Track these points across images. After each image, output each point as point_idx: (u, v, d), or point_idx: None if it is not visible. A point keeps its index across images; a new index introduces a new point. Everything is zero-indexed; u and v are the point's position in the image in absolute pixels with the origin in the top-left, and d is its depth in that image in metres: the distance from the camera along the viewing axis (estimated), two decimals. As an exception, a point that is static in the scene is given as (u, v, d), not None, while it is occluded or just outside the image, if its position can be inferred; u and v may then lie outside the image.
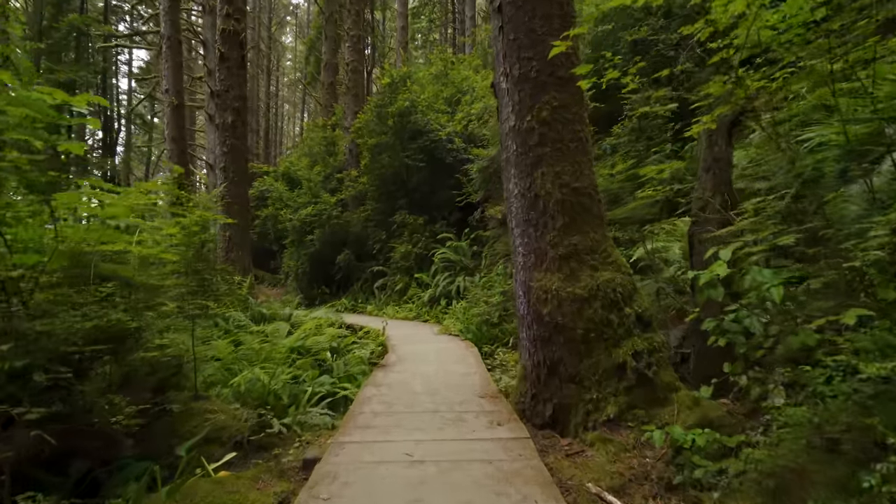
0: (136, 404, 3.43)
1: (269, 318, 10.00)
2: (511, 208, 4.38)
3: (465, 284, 11.09)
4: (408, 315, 11.35)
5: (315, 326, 9.48)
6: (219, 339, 6.97)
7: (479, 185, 10.55)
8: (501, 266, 9.54)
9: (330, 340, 8.79)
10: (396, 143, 13.28)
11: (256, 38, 48.24)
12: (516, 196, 4.28)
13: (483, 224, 11.61)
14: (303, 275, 15.51)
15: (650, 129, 9.00)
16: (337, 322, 10.46)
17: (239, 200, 11.97)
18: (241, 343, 7.69)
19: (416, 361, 6.28)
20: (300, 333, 7.50)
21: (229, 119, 11.84)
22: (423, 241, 12.79)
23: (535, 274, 4.10)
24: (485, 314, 8.41)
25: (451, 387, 4.84)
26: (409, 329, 9.56)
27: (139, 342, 3.54)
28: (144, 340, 3.60)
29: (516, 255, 4.34)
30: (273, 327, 8.71)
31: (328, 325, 10.36)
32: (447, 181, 13.14)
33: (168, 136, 12.49)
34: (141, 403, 3.50)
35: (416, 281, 12.45)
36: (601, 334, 3.85)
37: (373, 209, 14.42)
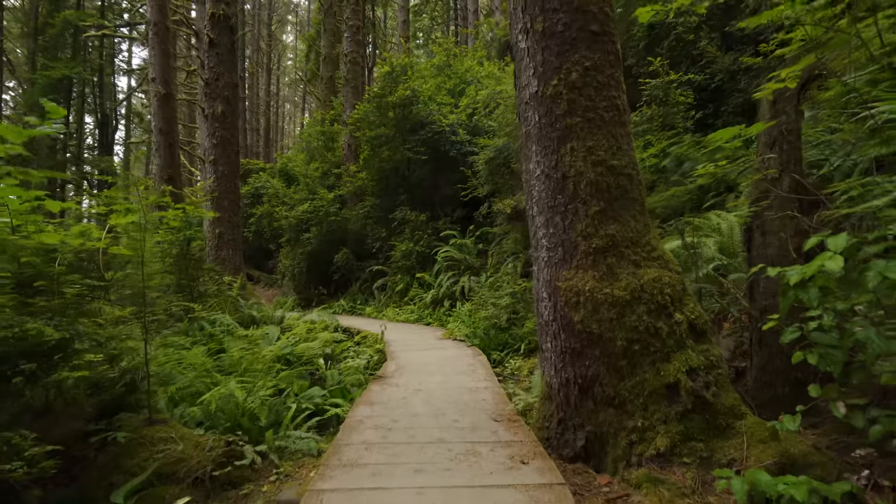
0: (66, 435, 2.71)
1: (260, 322, 9.28)
2: (532, 193, 3.64)
3: (471, 285, 10.36)
4: (409, 318, 10.61)
5: (307, 331, 8.77)
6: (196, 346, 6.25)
7: (485, 177, 9.81)
8: (511, 265, 8.80)
9: (323, 346, 8.07)
10: (397, 136, 12.55)
11: (256, 36, 47.62)
12: (539, 178, 3.54)
13: (490, 220, 10.87)
14: (299, 275, 14.79)
15: (670, 117, 8.26)
16: (332, 325, 9.73)
17: (229, 196, 11.26)
18: (224, 350, 6.98)
19: (418, 372, 5.55)
20: (287, 339, 6.77)
21: (219, 109, 11.13)
22: (425, 238, 12.05)
23: (562, 272, 3.36)
24: (493, 317, 7.67)
25: (459, 406, 4.10)
26: (410, 333, 8.82)
27: (68, 357, 2.82)
28: (75, 354, 2.88)
29: (538, 249, 3.60)
30: (261, 332, 7.99)
31: (323, 329, 9.65)
32: (451, 175, 12.40)
33: (155, 129, 11.76)
34: (72, 433, 2.78)
35: (417, 281, 11.72)
36: (647, 346, 3.11)
37: (372, 205, 13.68)
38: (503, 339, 7.52)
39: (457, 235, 11.67)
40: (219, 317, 8.36)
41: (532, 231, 3.72)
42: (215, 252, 11.10)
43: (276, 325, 8.65)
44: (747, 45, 8.53)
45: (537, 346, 7.27)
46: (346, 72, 17.18)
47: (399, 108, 12.34)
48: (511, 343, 7.37)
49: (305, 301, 14.95)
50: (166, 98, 11.89)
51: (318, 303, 14.58)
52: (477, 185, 10.36)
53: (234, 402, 4.14)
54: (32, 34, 35.66)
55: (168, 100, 11.94)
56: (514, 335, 7.46)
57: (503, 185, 9.59)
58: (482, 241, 11.62)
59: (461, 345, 7.53)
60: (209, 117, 11.22)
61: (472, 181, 10.52)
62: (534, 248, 3.71)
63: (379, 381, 5.14)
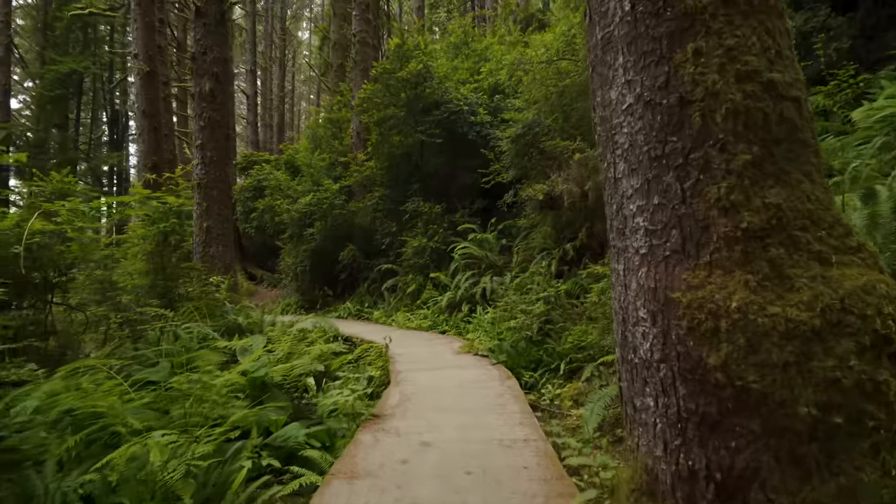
0: None
1: (247, 330, 7.94)
2: (616, 139, 2.15)
3: (493, 286, 8.88)
4: (421, 324, 9.18)
5: (297, 340, 7.41)
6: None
7: (510, 160, 8.33)
8: (545, 263, 7.30)
9: (315, 362, 6.70)
10: (408, 118, 11.12)
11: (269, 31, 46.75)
12: (630, 110, 2.05)
13: (515, 211, 9.39)
14: (302, 274, 13.48)
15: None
16: (330, 334, 8.36)
17: (219, 185, 9.95)
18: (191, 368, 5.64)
19: (429, 407, 4.10)
20: (265, 356, 5.38)
21: (206, 86, 9.82)
22: (440, 233, 10.61)
23: (681, 273, 1.88)
24: (523, 328, 6.19)
25: (490, 479, 2.65)
26: (421, 345, 7.39)
27: None
28: None
29: (625, 233, 2.12)
30: (244, 343, 6.63)
31: (319, 338, 8.27)
32: (469, 161, 10.94)
33: (138, 111, 10.55)
34: None
35: (431, 282, 10.28)
36: (858, 419, 1.61)
37: (381, 197, 12.28)
38: (536, 356, 6.04)
39: (476, 229, 10.20)
40: (192, 326, 7.03)
41: (613, 205, 2.24)
42: (203, 249, 9.80)
43: (263, 335, 7.30)
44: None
45: (580, 365, 5.76)
46: (354, 53, 15.81)
47: (411, 87, 10.91)
48: (547, 361, 5.88)
49: (309, 303, 13.63)
50: (150, 77, 10.65)
51: (322, 305, 13.25)
52: (500, 169, 8.87)
53: (147, 470, 2.74)
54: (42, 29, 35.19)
55: (152, 78, 10.70)
56: (550, 351, 5.98)
57: (532, 169, 8.10)
58: (505, 235, 10.14)
59: (483, 362, 6.06)
60: (196, 96, 9.93)
61: (495, 165, 9.03)
62: (614, 232, 2.24)
63: (372, 426, 3.70)
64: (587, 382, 5.41)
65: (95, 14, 17.57)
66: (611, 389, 4.36)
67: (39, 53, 34.24)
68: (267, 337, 7.33)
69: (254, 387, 5.10)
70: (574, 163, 6.55)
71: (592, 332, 5.70)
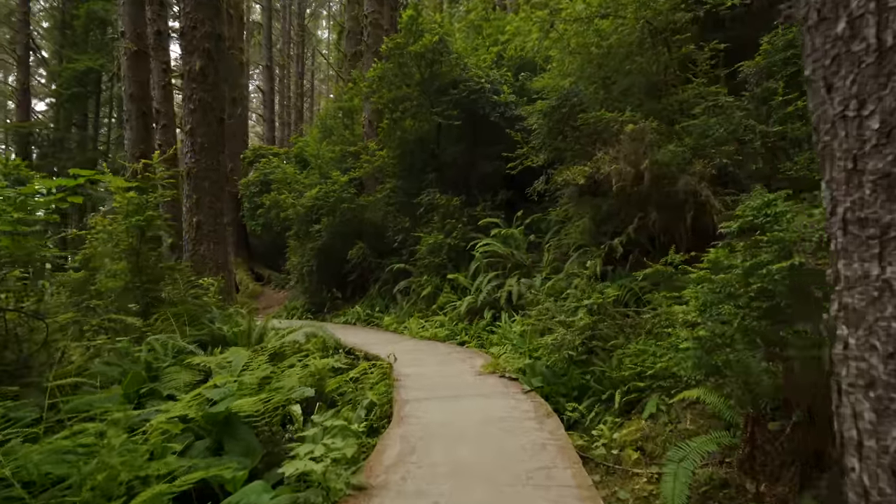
0: None
1: (232, 341, 6.80)
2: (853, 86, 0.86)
3: (520, 289, 7.58)
4: (437, 333, 7.93)
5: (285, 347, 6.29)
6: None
7: (542, 140, 7.01)
8: (590, 263, 5.98)
9: (303, 383, 5.53)
10: (422, 99, 9.89)
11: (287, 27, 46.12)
12: None
13: (546, 201, 8.07)
14: (308, 275, 12.36)
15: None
16: (329, 343, 7.16)
17: (210, 175, 8.86)
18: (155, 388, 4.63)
19: (440, 471, 2.85)
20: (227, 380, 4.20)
21: (196, 65, 8.74)
22: (459, 228, 9.35)
23: None
24: (564, 344, 4.87)
25: None
26: (435, 361, 6.13)
27: None
28: None
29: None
30: (221, 360, 5.49)
31: (318, 350, 7.09)
32: (492, 147, 9.65)
33: (126, 94, 9.54)
34: None
35: (449, 284, 9.02)
36: None
37: (393, 189, 11.07)
38: (580, 381, 4.74)
39: (500, 224, 8.90)
40: (160, 338, 5.91)
41: (829, 190, 0.94)
42: (192, 247, 8.73)
43: (249, 348, 6.14)
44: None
45: (640, 396, 4.42)
46: (366, 37, 14.66)
47: (426, 64, 9.67)
48: (595, 389, 4.57)
49: (316, 306, 12.52)
50: (138, 57, 9.63)
51: (330, 308, 12.12)
52: (528, 152, 7.55)
53: None
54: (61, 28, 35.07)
55: (141, 59, 9.68)
56: (598, 375, 4.67)
57: (568, 150, 6.77)
58: (533, 230, 8.84)
59: (512, 388, 4.77)
60: (185, 75, 8.86)
61: (522, 149, 7.71)
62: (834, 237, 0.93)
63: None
64: (652, 421, 4.08)
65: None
66: (700, 444, 3.04)
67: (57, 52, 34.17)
68: (252, 350, 6.17)
69: (214, 423, 3.91)
70: (626, 137, 5.22)
71: (657, 353, 4.37)
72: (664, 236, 6.06)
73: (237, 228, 16.16)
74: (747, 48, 6.58)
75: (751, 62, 6.19)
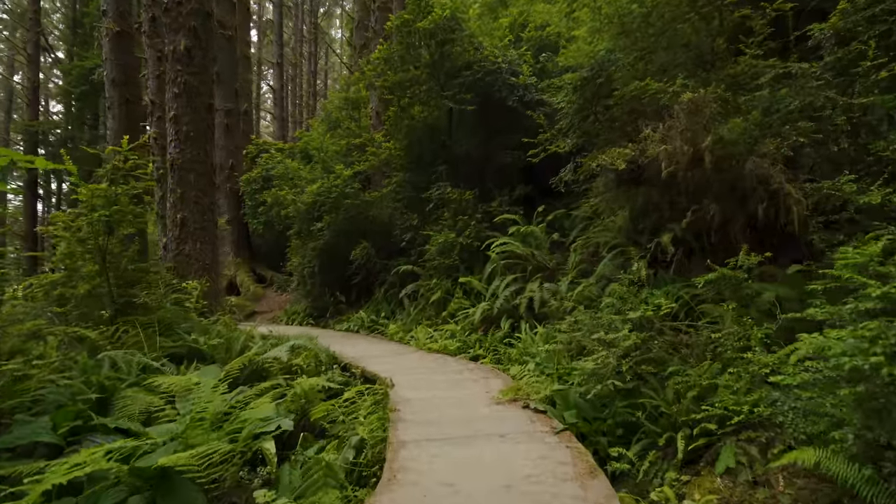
0: None
1: (208, 355, 5.88)
2: None
3: (543, 295, 6.57)
4: (447, 345, 6.94)
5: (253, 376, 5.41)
6: None
7: (570, 121, 5.98)
8: (640, 266, 4.94)
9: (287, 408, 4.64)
10: (432, 83, 8.92)
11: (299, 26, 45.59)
12: None
13: (574, 194, 7.05)
14: (310, 277, 11.47)
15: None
16: (323, 357, 6.21)
17: (196, 167, 8.00)
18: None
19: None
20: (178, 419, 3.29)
21: (181, 44, 7.88)
22: (472, 226, 8.36)
23: None
24: (605, 369, 3.85)
25: None
26: (444, 382, 5.14)
27: None
28: None
29: None
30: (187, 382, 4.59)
31: (310, 366, 6.15)
32: (509, 136, 8.66)
33: (107, 79, 8.72)
34: None
35: (461, 288, 8.04)
36: None
37: (400, 183, 10.11)
38: (625, 416, 3.72)
39: (518, 221, 7.89)
40: (113, 355, 5.02)
41: None
42: (176, 246, 7.88)
43: (221, 364, 5.22)
44: None
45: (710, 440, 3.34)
46: (374, 21, 13.76)
47: (436, 44, 8.70)
48: (648, 429, 3.54)
49: (319, 311, 11.62)
50: (121, 38, 8.81)
51: (333, 313, 11.21)
52: (553, 137, 6.53)
53: None
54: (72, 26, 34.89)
55: (124, 40, 8.86)
56: (649, 408, 3.65)
57: (601, 133, 5.74)
58: (556, 228, 7.82)
59: (539, 422, 3.76)
60: (169, 56, 8.01)
61: (545, 133, 6.69)
62: None
63: None
64: (730, 479, 3.05)
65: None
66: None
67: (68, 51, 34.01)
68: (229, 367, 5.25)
69: (145, 479, 2.98)
70: (681, 109, 4.18)
71: (732, 386, 3.33)
72: (715, 234, 5.02)
73: (239, 227, 15.37)
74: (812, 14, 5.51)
75: (824, 24, 5.10)
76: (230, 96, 15.08)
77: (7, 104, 39.47)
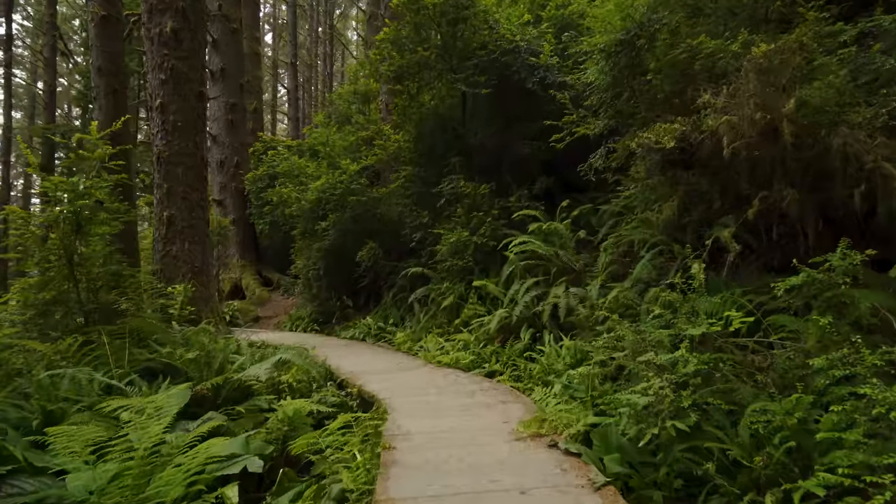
0: None
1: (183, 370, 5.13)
2: None
3: (570, 302, 5.69)
4: (459, 357, 6.10)
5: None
6: None
7: (601, 97, 5.10)
8: (698, 267, 4.03)
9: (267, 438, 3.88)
10: (442, 65, 8.10)
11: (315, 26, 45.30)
12: None
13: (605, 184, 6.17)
14: (315, 280, 10.75)
15: None
16: (316, 372, 5.42)
17: (185, 159, 7.33)
18: None
19: None
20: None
21: (168, 26, 7.22)
22: (487, 223, 7.51)
23: None
24: (662, 404, 2.96)
25: None
26: (453, 406, 4.29)
27: None
28: None
29: None
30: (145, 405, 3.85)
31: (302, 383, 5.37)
32: (529, 123, 7.81)
33: (94, 68, 8.11)
34: None
35: (475, 292, 7.20)
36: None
37: (410, 177, 9.31)
38: (685, 463, 2.83)
39: (540, 217, 6.99)
40: (62, 373, 4.31)
41: None
42: (163, 246, 7.20)
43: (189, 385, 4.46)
44: None
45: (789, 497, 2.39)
46: (383, 9, 13.02)
47: (447, 23, 7.89)
48: (721, 485, 2.65)
49: (324, 316, 10.89)
50: (107, 22, 8.18)
51: (340, 319, 10.46)
52: (580, 118, 5.64)
53: None
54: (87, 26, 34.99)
55: (111, 25, 8.22)
56: (717, 454, 2.76)
57: (637, 112, 4.84)
58: (581, 225, 6.93)
59: (573, 473, 2.89)
60: (154, 39, 7.35)
61: (571, 115, 5.81)
62: None
63: None
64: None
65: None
66: None
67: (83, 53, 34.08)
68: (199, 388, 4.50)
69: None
70: (751, 67, 3.27)
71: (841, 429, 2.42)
72: (778, 227, 4.09)
73: (244, 228, 14.75)
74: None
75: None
76: (235, 91, 14.49)
77: (30, 109, 39.86)
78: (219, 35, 14.24)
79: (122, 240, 7.56)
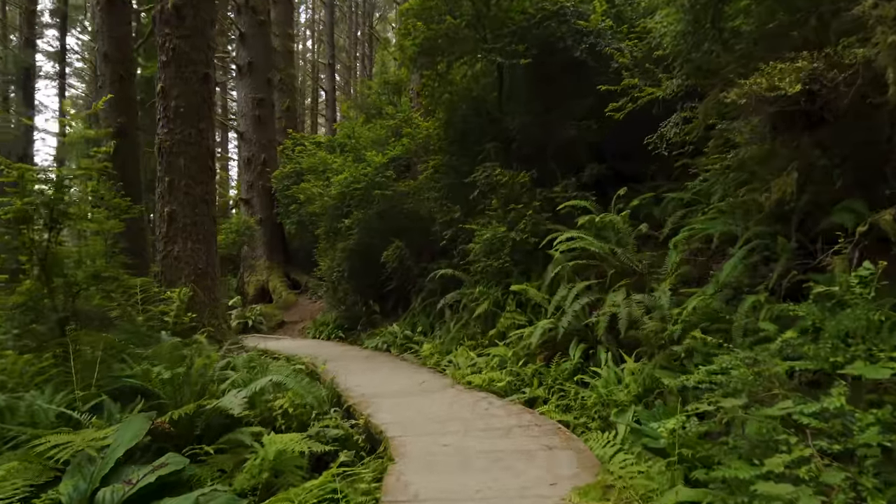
0: None
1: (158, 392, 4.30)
2: None
3: (632, 311, 4.53)
4: (493, 378, 5.02)
5: None
6: None
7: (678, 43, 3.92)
8: (842, 262, 2.81)
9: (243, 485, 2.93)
10: (475, 37, 7.06)
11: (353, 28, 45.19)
12: None
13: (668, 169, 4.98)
14: (339, 283, 9.91)
15: None
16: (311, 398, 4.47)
17: (189, 149, 6.60)
18: None
19: None
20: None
21: (168, 2, 6.51)
22: (528, 217, 6.41)
23: None
24: (831, 497, 1.80)
25: None
26: (482, 452, 3.22)
27: None
28: None
29: None
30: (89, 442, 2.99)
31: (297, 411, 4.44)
32: (576, 101, 6.67)
33: (99, 54, 7.56)
34: None
35: (514, 298, 6.10)
36: None
37: (438, 167, 8.31)
38: None
39: (591, 209, 5.82)
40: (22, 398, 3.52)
41: None
42: (164, 246, 6.48)
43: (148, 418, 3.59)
44: None
45: None
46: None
47: (480, -12, 6.85)
48: None
49: (349, 322, 10.04)
50: (113, 6, 7.59)
51: (366, 325, 9.58)
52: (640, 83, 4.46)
53: None
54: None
55: (116, 9, 7.64)
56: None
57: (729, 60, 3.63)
58: (641, 218, 5.74)
59: None
60: (156, 18, 6.66)
61: (633, 78, 4.63)
62: None
63: None
64: None
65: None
66: None
67: (132, 62, 34.96)
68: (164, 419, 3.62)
69: None
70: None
71: None
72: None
73: (272, 228, 14.15)
74: None
75: None
76: (262, 86, 13.92)
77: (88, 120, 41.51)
78: (246, 28, 13.72)
79: (129, 239, 6.95)
